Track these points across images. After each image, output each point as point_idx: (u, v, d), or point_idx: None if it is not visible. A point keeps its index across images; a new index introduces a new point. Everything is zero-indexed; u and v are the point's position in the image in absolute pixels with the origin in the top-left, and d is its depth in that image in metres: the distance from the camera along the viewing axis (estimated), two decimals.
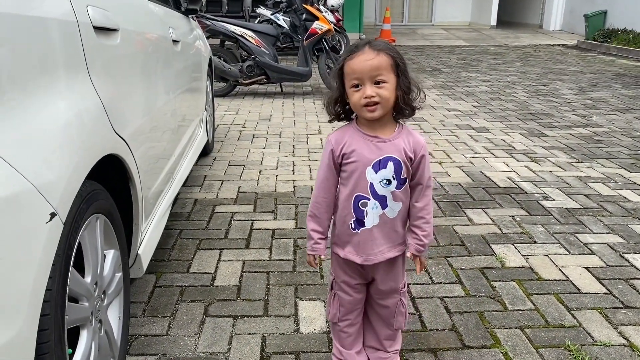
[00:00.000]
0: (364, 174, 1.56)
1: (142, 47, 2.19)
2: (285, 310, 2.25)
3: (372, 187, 1.57)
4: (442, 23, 17.81)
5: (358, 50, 1.51)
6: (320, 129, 5.29)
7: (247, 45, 6.66)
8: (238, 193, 3.54)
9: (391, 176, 1.56)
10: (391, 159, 1.56)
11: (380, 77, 1.49)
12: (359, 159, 1.56)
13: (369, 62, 1.48)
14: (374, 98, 1.48)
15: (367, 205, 1.59)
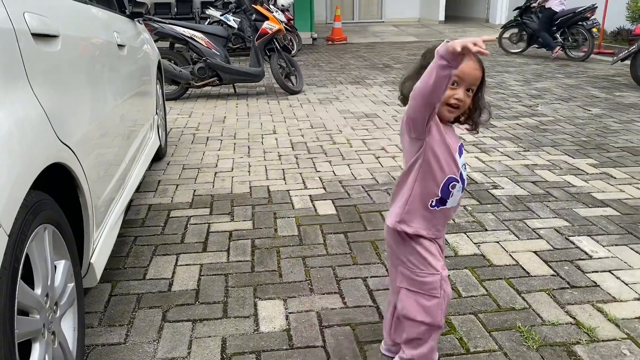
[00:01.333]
0: (453, 157, 1.62)
1: (85, 53, 2.15)
2: (245, 310, 2.25)
3: (460, 170, 1.65)
4: (392, 20, 18.06)
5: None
6: (275, 128, 5.29)
7: (197, 47, 6.59)
8: (193, 196, 3.51)
9: (465, 161, 1.70)
10: (462, 145, 1.68)
11: (473, 87, 1.58)
12: (450, 144, 1.61)
13: (475, 71, 1.57)
14: (461, 103, 1.57)
15: (455, 187, 1.65)
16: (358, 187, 3.66)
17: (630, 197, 3.39)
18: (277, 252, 2.75)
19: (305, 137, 4.95)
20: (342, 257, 2.69)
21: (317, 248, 2.79)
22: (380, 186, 3.67)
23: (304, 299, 2.33)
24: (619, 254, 2.68)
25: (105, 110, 2.34)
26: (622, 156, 4.22)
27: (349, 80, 8.14)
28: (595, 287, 2.39)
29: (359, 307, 2.27)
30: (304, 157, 4.36)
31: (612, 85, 7.31)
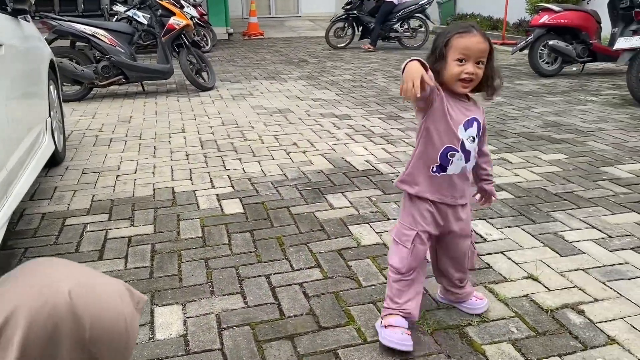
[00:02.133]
0: (456, 130, 1.81)
1: None
2: (141, 319, 2.17)
3: (463, 142, 1.83)
4: (308, 14, 18.12)
5: (469, 31, 1.76)
6: (184, 127, 5.15)
7: (100, 45, 6.29)
8: (92, 202, 3.34)
9: (475, 134, 1.86)
10: (475, 120, 1.85)
11: (482, 59, 1.76)
12: (455, 117, 1.81)
13: (480, 44, 1.75)
14: (473, 75, 1.75)
15: (455, 156, 1.84)
16: (267, 184, 3.63)
17: (524, 181, 3.57)
18: (178, 255, 2.67)
19: (216, 135, 4.85)
20: (247, 256, 2.65)
21: (220, 249, 2.73)
22: (290, 182, 3.66)
23: (203, 302, 2.27)
24: (511, 235, 2.82)
25: None
26: (519, 141, 4.45)
27: (263, 75, 8.08)
28: (488, 269, 2.49)
29: (260, 305, 2.24)
30: (213, 155, 4.27)
31: (513, 74, 7.70)
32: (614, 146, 4.28)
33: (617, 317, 2.11)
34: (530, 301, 2.24)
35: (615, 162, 3.89)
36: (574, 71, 7.70)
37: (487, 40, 1.78)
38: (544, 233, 2.83)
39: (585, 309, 2.16)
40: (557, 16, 7.08)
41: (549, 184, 3.51)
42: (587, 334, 2.01)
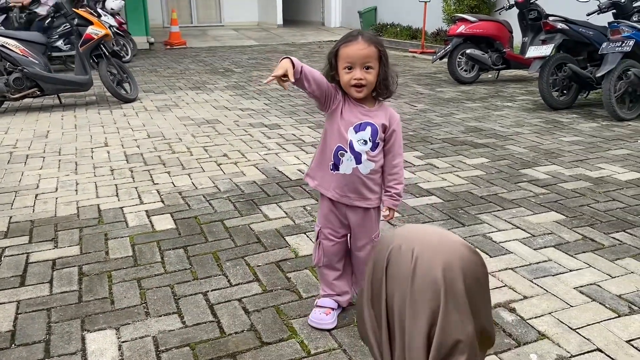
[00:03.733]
0: (346, 131, 1.94)
1: None
2: (71, 347, 2.04)
3: (351, 143, 1.94)
4: (231, 23, 17.96)
5: (353, 39, 1.86)
6: (106, 140, 4.94)
7: (10, 55, 5.91)
8: (9, 224, 3.12)
9: (367, 137, 1.94)
10: (369, 124, 1.94)
11: (368, 64, 1.86)
12: (346, 119, 1.94)
13: (362, 51, 1.84)
14: (362, 81, 1.85)
15: (344, 156, 1.96)
16: (199, 197, 3.54)
17: (451, 185, 3.70)
18: (108, 277, 2.54)
19: (142, 148, 4.69)
20: (182, 274, 2.57)
21: (153, 267, 2.63)
22: (222, 194, 3.59)
23: (138, 325, 2.17)
24: None
25: None
26: (444, 147, 4.62)
27: (189, 85, 7.90)
28: None
29: (199, 324, 2.17)
30: (140, 169, 4.12)
31: (434, 81, 8.00)
32: (530, 149, 4.54)
33: (545, 312, 2.22)
34: None
35: (533, 164, 4.13)
36: (490, 78, 8.11)
37: (373, 44, 1.86)
38: (474, 235, 2.94)
39: (516, 307, 2.26)
40: (472, 26, 7.43)
41: (475, 187, 3.66)
42: (519, 330, 2.11)
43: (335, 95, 1.94)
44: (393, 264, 0.91)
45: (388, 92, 1.96)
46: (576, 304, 2.28)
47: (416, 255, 0.89)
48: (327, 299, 2.18)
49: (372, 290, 0.94)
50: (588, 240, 2.86)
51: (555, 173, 3.92)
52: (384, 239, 0.97)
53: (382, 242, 0.96)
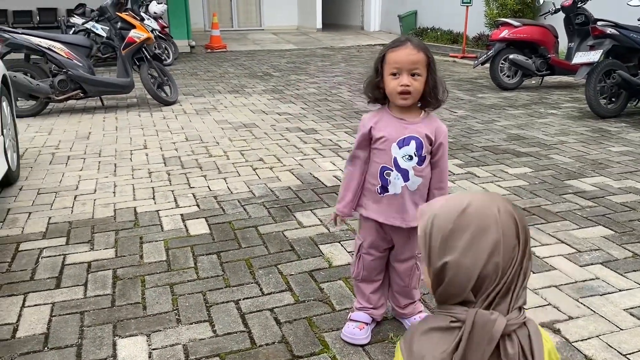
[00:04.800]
0: (389, 149, 1.85)
1: None
2: (102, 352, 2.03)
3: (396, 160, 1.86)
4: (271, 27, 18.08)
5: (401, 44, 1.79)
6: (146, 143, 4.99)
7: (56, 58, 6.06)
8: (48, 225, 3.17)
9: (412, 152, 1.85)
10: (413, 138, 1.85)
11: (416, 71, 1.77)
12: (387, 136, 1.85)
13: (410, 56, 1.76)
14: (409, 87, 1.77)
15: (391, 175, 1.88)
16: (234, 202, 3.52)
17: None
18: (141, 281, 2.54)
19: (179, 151, 4.72)
20: (214, 280, 2.54)
21: (186, 273, 2.62)
22: (257, 199, 3.56)
23: (169, 332, 2.15)
24: None
25: None
26: (485, 155, 4.48)
27: (227, 89, 7.96)
28: None
29: (230, 334, 2.14)
30: (177, 172, 4.14)
31: (475, 87, 7.82)
32: (576, 159, 4.36)
33: (593, 335, 2.10)
34: None
35: (579, 175, 3.95)
36: (533, 84, 7.88)
37: (422, 51, 1.78)
38: None
39: (561, 328, 2.14)
40: (516, 31, 7.23)
41: (517, 198, 3.52)
42: (564, 354, 1.99)
43: (369, 132, 1.90)
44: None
45: (437, 102, 1.86)
46: (626, 327, 2.14)
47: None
48: (361, 312, 2.11)
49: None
50: (639, 259, 2.70)
51: (603, 185, 3.74)
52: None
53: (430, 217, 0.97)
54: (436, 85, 1.82)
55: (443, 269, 0.91)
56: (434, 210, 0.96)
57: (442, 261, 0.91)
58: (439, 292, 0.94)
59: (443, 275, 0.92)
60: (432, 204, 1.00)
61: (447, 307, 0.93)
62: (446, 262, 0.91)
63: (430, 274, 0.95)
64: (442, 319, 0.93)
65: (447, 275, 0.91)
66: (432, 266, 0.93)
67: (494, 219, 0.91)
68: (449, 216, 0.93)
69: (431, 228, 0.94)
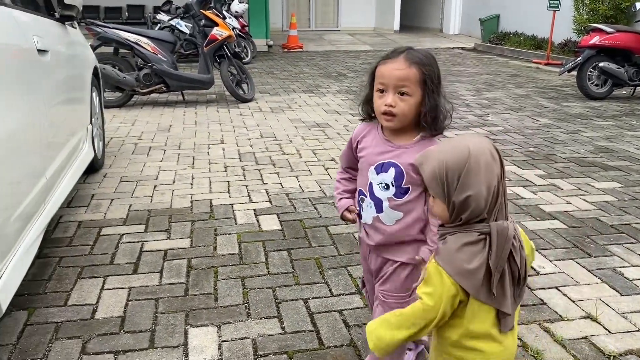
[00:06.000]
0: (367, 171, 1.59)
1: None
2: (174, 340, 2.08)
3: (371, 186, 1.58)
4: (347, 28, 18.09)
5: (393, 56, 1.51)
6: (222, 138, 5.11)
7: (142, 52, 6.33)
8: (128, 212, 3.29)
9: (390, 182, 1.55)
10: (393, 165, 1.54)
11: (404, 89, 1.48)
12: (367, 157, 1.60)
13: (397, 72, 1.48)
14: (392, 108, 1.48)
15: (364, 201, 1.62)
16: (305, 200, 3.52)
17: (577, 210, 3.37)
18: (214, 272, 2.58)
19: (254, 148, 4.79)
20: (284, 277, 2.54)
21: (257, 267, 2.63)
22: (328, 199, 3.54)
23: (239, 325, 2.17)
24: (566, 269, 2.63)
25: (18, 121, 2.13)
26: (569, 167, 4.24)
27: (302, 88, 8.02)
28: (542, 305, 2.32)
29: (298, 332, 2.12)
30: (251, 168, 4.20)
31: (560, 95, 7.45)
32: None
33: None
34: (590, 344, 2.06)
35: None
36: (624, 94, 7.40)
37: (414, 65, 1.47)
38: (602, 268, 2.64)
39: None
40: (608, 37, 6.82)
41: (604, 214, 3.30)
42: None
43: (355, 147, 1.66)
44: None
45: (435, 128, 1.53)
46: None
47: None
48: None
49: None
50: None
51: None
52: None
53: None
54: (436, 109, 1.51)
55: (466, 200, 1.19)
56: (441, 157, 1.21)
57: (464, 195, 1.19)
58: (464, 218, 1.21)
59: (466, 206, 1.20)
60: (431, 152, 1.25)
61: (467, 227, 1.22)
62: (469, 195, 1.19)
63: (448, 208, 1.22)
64: (470, 235, 1.21)
65: (470, 205, 1.19)
66: (452, 200, 1.20)
67: (490, 155, 1.21)
68: (460, 160, 1.19)
69: (446, 171, 1.19)
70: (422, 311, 1.22)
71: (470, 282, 1.20)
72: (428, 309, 1.21)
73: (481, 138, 1.26)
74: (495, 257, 1.20)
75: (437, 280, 1.21)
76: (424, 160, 1.25)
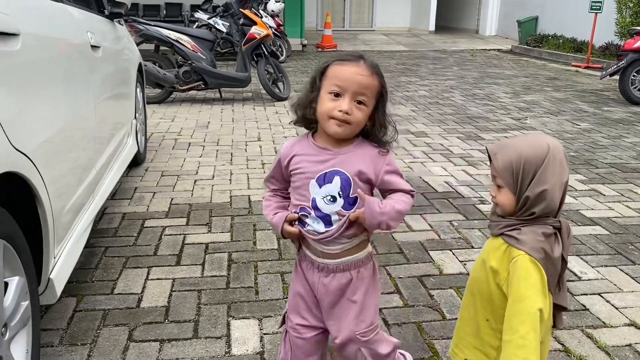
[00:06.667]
0: (307, 186, 1.43)
1: (50, 54, 2.01)
2: (217, 331, 2.12)
3: (314, 202, 1.43)
4: (382, 28, 18.04)
5: (353, 60, 1.39)
6: (259, 135, 5.17)
7: (182, 50, 6.45)
8: (170, 205, 3.37)
9: (337, 193, 1.41)
10: (337, 174, 1.41)
11: (362, 98, 1.37)
12: (305, 171, 1.44)
13: (361, 77, 1.36)
14: (348, 116, 1.35)
15: (308, 218, 1.46)
16: None
17: (619, 216, 3.30)
18: (254, 266, 2.63)
19: None
20: None
21: None
22: None
23: (280, 319, 2.20)
24: (608, 275, 2.59)
25: (73, 114, 2.21)
26: (611, 172, 4.16)
27: None
28: (585, 311, 2.29)
29: None
30: None
31: (601, 99, 7.29)
32: None
33: None
34: (634, 352, 2.03)
35: None
36: None
37: (376, 75, 1.38)
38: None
39: None
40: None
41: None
42: None
43: (286, 167, 1.50)
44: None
45: (379, 144, 1.44)
46: None
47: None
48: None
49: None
50: None
51: None
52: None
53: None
54: (384, 124, 1.42)
55: (541, 194, 1.24)
56: (520, 150, 1.26)
57: (540, 189, 1.24)
58: (537, 212, 1.26)
59: (541, 200, 1.25)
60: (508, 143, 1.31)
61: (540, 220, 1.27)
62: (545, 189, 1.24)
63: (517, 200, 1.28)
64: (546, 227, 1.27)
65: (545, 199, 1.24)
66: (526, 194, 1.25)
67: (564, 154, 1.28)
68: (540, 154, 1.25)
69: (524, 164, 1.25)
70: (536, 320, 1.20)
71: (554, 270, 1.26)
72: (538, 316, 1.20)
73: (554, 139, 1.32)
74: (566, 251, 1.27)
75: (534, 270, 1.23)
76: (499, 150, 1.30)
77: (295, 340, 1.60)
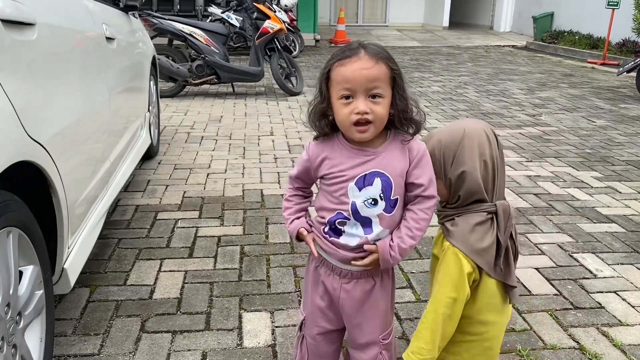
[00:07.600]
0: (345, 190, 1.33)
1: (65, 44, 2.02)
2: (229, 323, 2.13)
3: (355, 206, 1.32)
4: (395, 24, 17.94)
5: (352, 54, 1.27)
6: (272, 130, 5.16)
7: (196, 44, 6.46)
8: (183, 198, 3.38)
9: (378, 195, 1.32)
10: (378, 175, 1.31)
11: (376, 91, 1.25)
12: (342, 175, 1.33)
13: (366, 71, 1.24)
14: (368, 115, 1.25)
15: (346, 224, 1.35)
16: None
17: (636, 214, 3.26)
18: (266, 260, 2.62)
19: (303, 140, 4.82)
20: None
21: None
22: None
23: (292, 312, 2.20)
24: (625, 273, 2.56)
25: (87, 106, 2.22)
26: (628, 170, 4.10)
27: None
28: (600, 309, 2.26)
29: None
30: None
31: (617, 96, 7.19)
32: None
33: None
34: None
35: None
36: None
37: (382, 61, 1.26)
38: None
39: None
40: None
41: None
42: None
43: (316, 169, 1.41)
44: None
45: (413, 126, 1.33)
46: None
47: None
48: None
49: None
50: None
51: None
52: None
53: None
54: (407, 106, 1.31)
55: (462, 175, 1.30)
56: (439, 137, 1.34)
57: (459, 170, 1.30)
58: (462, 196, 1.32)
59: (462, 181, 1.31)
60: (432, 133, 1.39)
61: (472, 207, 1.33)
62: (464, 170, 1.30)
63: (446, 186, 1.35)
64: (479, 215, 1.32)
65: (465, 180, 1.30)
66: (448, 177, 1.32)
67: (485, 136, 1.32)
68: (455, 138, 1.32)
69: (443, 149, 1.32)
70: (446, 306, 1.31)
71: (485, 260, 1.31)
72: (451, 302, 1.30)
73: (478, 121, 1.37)
74: (503, 235, 1.32)
75: (453, 262, 1.30)
76: (427, 140, 1.38)
77: (312, 347, 1.57)
